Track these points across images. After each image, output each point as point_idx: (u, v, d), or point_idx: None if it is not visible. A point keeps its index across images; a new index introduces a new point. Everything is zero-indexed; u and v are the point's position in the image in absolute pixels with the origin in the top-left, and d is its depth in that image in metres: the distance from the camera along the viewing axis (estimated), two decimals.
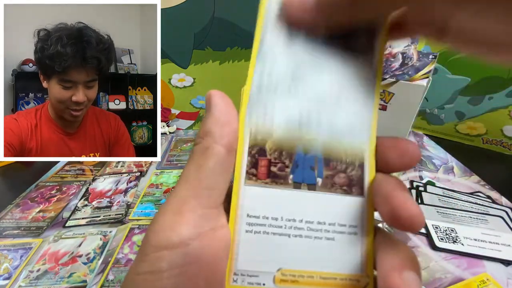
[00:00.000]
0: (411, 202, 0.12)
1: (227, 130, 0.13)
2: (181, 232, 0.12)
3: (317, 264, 0.14)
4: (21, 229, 0.40)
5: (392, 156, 0.14)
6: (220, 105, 0.14)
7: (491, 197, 0.45)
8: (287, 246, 0.14)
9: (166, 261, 0.11)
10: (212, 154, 0.13)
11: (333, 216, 0.14)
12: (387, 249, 0.13)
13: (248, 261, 0.14)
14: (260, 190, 0.14)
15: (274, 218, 0.14)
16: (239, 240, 0.14)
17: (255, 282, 0.14)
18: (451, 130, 0.64)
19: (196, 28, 0.56)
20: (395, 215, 0.12)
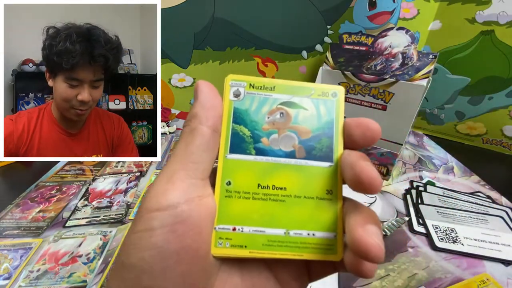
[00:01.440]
0: (370, 168, 0.14)
1: (212, 113, 0.16)
2: (171, 197, 0.14)
3: (294, 223, 0.16)
4: (21, 229, 0.40)
5: (357, 133, 0.16)
6: (206, 92, 0.16)
7: (491, 197, 0.45)
8: (265, 208, 0.16)
9: (157, 220, 0.13)
10: (198, 133, 0.15)
11: (306, 183, 0.16)
12: (353, 210, 0.15)
13: (227, 221, 0.16)
14: (240, 160, 0.16)
15: (252, 185, 0.16)
16: (220, 205, 0.16)
17: (237, 245, 0.15)
18: (451, 130, 0.64)
19: (196, 28, 0.56)
20: (357, 179, 0.14)
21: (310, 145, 0.17)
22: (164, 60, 0.58)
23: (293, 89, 0.17)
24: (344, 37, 0.51)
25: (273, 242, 0.16)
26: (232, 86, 0.17)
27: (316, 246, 0.16)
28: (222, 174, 0.16)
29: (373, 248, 0.13)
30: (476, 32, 0.54)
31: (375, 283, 0.32)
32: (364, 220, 0.14)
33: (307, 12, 0.56)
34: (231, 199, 0.16)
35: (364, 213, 0.15)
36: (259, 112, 0.17)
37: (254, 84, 0.17)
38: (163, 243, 0.13)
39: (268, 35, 0.58)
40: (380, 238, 0.13)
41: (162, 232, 0.13)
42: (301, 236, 0.16)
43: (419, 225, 0.40)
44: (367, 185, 0.14)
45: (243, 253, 0.15)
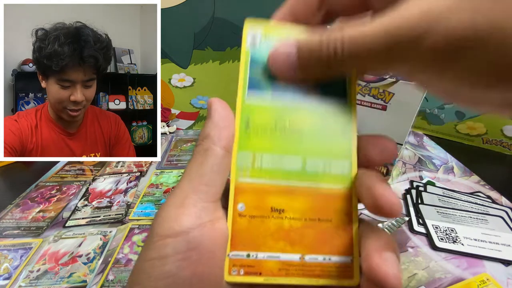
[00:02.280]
0: (390, 192, 0.14)
1: (225, 133, 0.15)
2: (183, 222, 0.13)
3: (309, 248, 0.15)
4: (21, 229, 0.40)
5: (374, 152, 0.16)
6: (219, 111, 0.15)
7: (491, 197, 0.45)
8: (279, 232, 0.15)
9: (170, 247, 0.13)
10: (211, 154, 0.15)
11: (321, 206, 0.16)
12: (370, 235, 0.15)
13: (240, 247, 0.15)
14: (251, 182, 0.16)
15: (265, 209, 0.15)
16: (232, 230, 0.15)
17: (251, 272, 0.15)
18: (451, 130, 0.64)
19: (196, 28, 0.56)
20: (377, 204, 0.14)
21: (324, 165, 0.16)
22: (164, 60, 0.58)
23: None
24: None
25: (288, 267, 0.15)
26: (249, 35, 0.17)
27: (333, 271, 0.15)
28: (234, 197, 0.15)
29: (390, 278, 0.12)
30: None
31: None
32: (381, 246, 0.14)
33: None
34: (243, 223, 0.15)
35: (381, 238, 0.14)
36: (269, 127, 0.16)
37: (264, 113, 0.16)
38: (177, 270, 0.13)
39: None
40: (397, 267, 0.13)
41: (176, 260, 0.13)
42: (317, 261, 0.15)
43: (419, 225, 0.40)
44: (388, 211, 0.13)
45: (258, 280, 0.15)
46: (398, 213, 0.14)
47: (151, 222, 0.40)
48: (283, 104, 0.16)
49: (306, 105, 0.16)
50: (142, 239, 0.38)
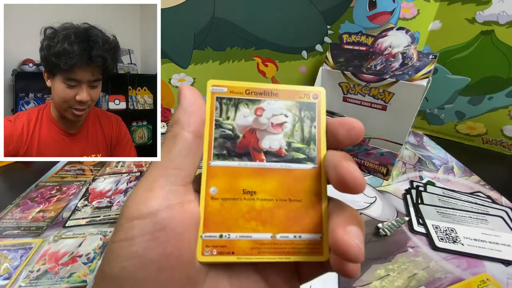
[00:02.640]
0: (353, 168, 0.14)
1: (194, 118, 0.15)
2: (151, 204, 0.13)
3: (280, 227, 0.16)
4: (21, 229, 0.40)
5: (341, 132, 0.16)
6: (188, 97, 0.16)
7: (491, 197, 0.45)
8: (250, 213, 0.16)
9: (137, 229, 0.13)
10: (180, 139, 0.15)
11: (291, 186, 0.16)
12: (336, 211, 0.15)
13: (213, 229, 0.16)
14: (224, 166, 0.16)
15: (237, 190, 0.16)
16: (205, 212, 0.16)
17: (224, 252, 0.15)
18: (451, 130, 0.64)
19: (196, 28, 0.56)
20: (341, 180, 0.14)
21: (293, 148, 0.17)
22: (164, 60, 0.58)
23: (274, 93, 0.17)
24: (344, 37, 0.51)
25: (260, 246, 0.16)
26: (213, 91, 0.17)
27: (303, 248, 0.16)
28: (206, 180, 0.16)
29: (352, 249, 0.13)
30: (476, 32, 0.54)
31: (375, 283, 0.32)
32: (346, 221, 0.14)
33: (307, 12, 0.56)
34: (216, 206, 0.16)
35: (346, 213, 0.15)
36: (241, 116, 0.17)
37: (235, 89, 0.17)
38: (144, 251, 0.13)
39: (268, 35, 0.58)
40: (360, 239, 0.13)
41: (142, 241, 0.13)
42: (288, 239, 0.16)
43: (419, 225, 0.40)
44: (351, 185, 0.14)
45: (231, 259, 0.15)
46: (362, 188, 0.14)
47: None
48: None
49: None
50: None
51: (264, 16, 0.55)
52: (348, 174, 0.14)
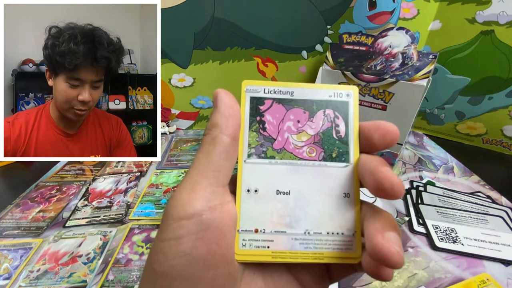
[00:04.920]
0: (392, 174, 0.14)
1: (231, 122, 0.16)
2: (195, 205, 0.14)
3: (313, 224, 0.16)
4: (21, 229, 0.40)
5: (376, 136, 0.16)
6: (225, 101, 0.16)
7: (491, 197, 0.45)
8: (285, 210, 0.16)
9: (184, 229, 0.14)
10: (219, 143, 0.15)
11: (324, 185, 0.17)
12: (372, 215, 0.15)
13: (249, 224, 0.16)
14: (259, 165, 0.17)
15: (271, 188, 0.17)
16: (241, 209, 0.16)
17: (260, 245, 0.16)
18: (451, 130, 0.64)
19: (196, 28, 0.56)
20: (380, 185, 0.14)
21: (326, 147, 0.17)
22: (164, 60, 0.58)
23: (308, 93, 0.18)
24: (344, 37, 0.51)
25: (294, 241, 0.16)
26: (248, 91, 0.18)
27: (336, 246, 0.16)
28: (241, 179, 0.17)
29: (393, 256, 0.13)
30: (476, 32, 0.54)
31: (375, 283, 0.32)
32: (383, 226, 0.14)
33: (307, 12, 0.56)
34: (251, 203, 0.16)
35: (382, 218, 0.15)
36: (275, 116, 0.17)
37: (269, 89, 0.18)
38: (191, 250, 0.14)
39: (268, 35, 0.58)
40: (399, 245, 0.14)
41: (190, 240, 0.14)
42: (321, 235, 0.16)
43: (419, 225, 0.40)
44: (390, 191, 0.14)
45: (266, 254, 0.16)
46: (401, 194, 0.14)
47: (151, 222, 0.41)
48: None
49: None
50: (142, 239, 0.38)
51: (264, 16, 0.55)
52: (387, 180, 0.14)
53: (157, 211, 0.43)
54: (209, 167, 0.15)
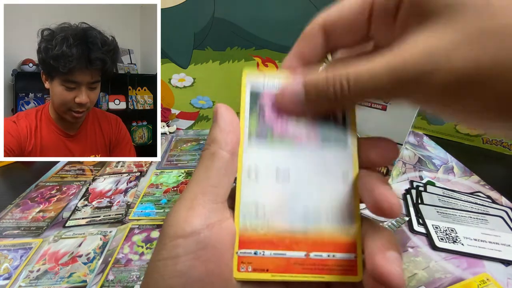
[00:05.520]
0: (390, 193, 0.14)
1: (231, 137, 0.16)
2: (193, 223, 0.14)
3: (313, 246, 0.16)
4: (21, 229, 0.40)
5: (375, 154, 0.16)
6: (225, 117, 0.16)
7: (491, 197, 0.45)
8: (285, 232, 0.16)
9: (181, 248, 0.14)
10: (218, 158, 0.15)
11: (325, 202, 0.16)
12: (372, 233, 0.15)
13: (248, 246, 0.16)
14: (258, 185, 0.16)
15: (271, 211, 0.16)
16: (240, 229, 0.16)
17: (259, 268, 0.16)
18: (451, 130, 0.64)
19: (196, 28, 0.56)
20: (378, 205, 0.14)
21: (326, 165, 0.17)
22: (164, 60, 0.58)
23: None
24: None
25: (294, 265, 0.16)
26: (248, 80, 0.17)
27: (336, 267, 0.16)
28: (240, 198, 0.16)
29: (394, 277, 0.13)
30: None
31: None
32: (384, 245, 0.14)
33: (307, 12, 0.56)
34: (251, 223, 0.16)
35: (383, 237, 0.15)
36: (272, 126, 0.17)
37: (270, 78, 0.17)
38: (188, 269, 0.13)
39: (268, 35, 0.58)
40: (400, 266, 0.13)
41: (187, 259, 0.13)
42: (321, 257, 0.16)
43: (419, 225, 0.40)
44: (387, 211, 0.14)
45: (265, 276, 0.16)
46: (398, 214, 0.14)
47: (151, 222, 0.41)
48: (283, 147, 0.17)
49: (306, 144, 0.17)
50: (142, 239, 0.38)
51: (264, 16, 0.55)
52: (385, 200, 0.14)
53: (157, 211, 0.43)
54: (207, 182, 0.15)
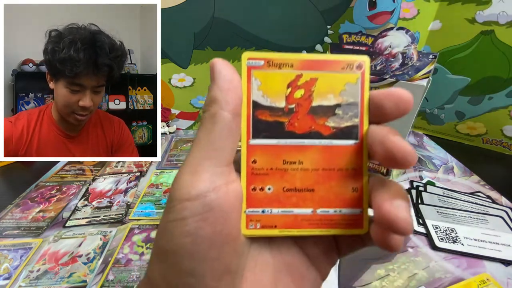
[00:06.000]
0: (403, 143, 0.14)
1: (232, 96, 0.15)
2: (199, 187, 0.14)
3: (320, 202, 0.16)
4: (21, 229, 0.40)
5: (388, 105, 0.15)
6: (224, 73, 0.15)
7: (491, 197, 0.45)
8: (291, 189, 0.16)
9: (188, 210, 0.14)
10: (219, 119, 0.14)
11: (331, 162, 0.16)
12: (380, 186, 0.15)
13: (256, 204, 0.16)
14: (263, 145, 0.16)
15: (278, 167, 0.16)
16: (247, 189, 0.16)
17: (267, 225, 0.16)
18: (451, 130, 0.64)
19: (196, 28, 0.56)
20: (390, 155, 0.14)
21: (334, 124, 0.16)
22: (164, 60, 0.58)
23: (315, 64, 0.16)
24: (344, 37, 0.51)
25: (301, 220, 0.16)
26: (249, 65, 0.16)
27: (343, 222, 0.16)
28: (246, 159, 0.16)
29: (401, 221, 0.13)
30: (476, 32, 0.54)
31: (375, 283, 0.32)
32: (392, 195, 0.14)
33: (307, 12, 0.56)
34: (257, 183, 0.16)
35: (391, 189, 0.15)
36: (279, 91, 0.16)
37: (273, 62, 0.16)
38: (196, 230, 0.14)
39: (268, 35, 0.58)
40: (408, 212, 0.13)
41: (194, 221, 0.14)
42: (328, 213, 0.16)
43: (419, 225, 0.40)
44: (400, 159, 0.14)
45: (273, 232, 0.16)
46: (413, 162, 0.14)
47: (151, 222, 0.41)
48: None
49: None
50: (142, 239, 0.38)
51: (264, 16, 0.55)
52: (396, 148, 0.14)
53: (157, 211, 0.43)
54: (210, 146, 0.14)
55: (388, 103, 0.15)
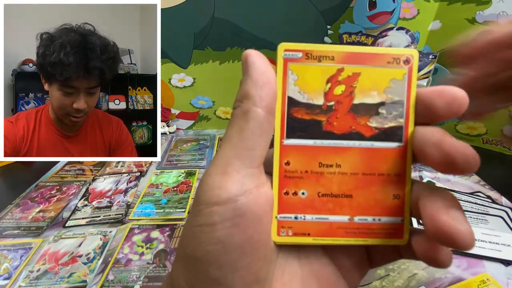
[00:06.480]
0: (464, 144, 0.12)
1: (266, 92, 0.14)
2: (229, 189, 0.13)
3: (358, 209, 0.15)
4: (21, 229, 0.40)
5: (440, 104, 0.14)
6: (257, 65, 0.14)
7: (491, 197, 0.45)
8: (327, 195, 0.15)
9: (217, 215, 0.13)
10: (252, 116, 0.13)
11: (372, 167, 0.15)
12: (430, 194, 0.14)
13: (288, 210, 0.15)
14: (298, 145, 0.15)
15: (313, 171, 0.15)
16: (279, 193, 0.15)
17: (300, 233, 0.15)
18: (451, 130, 0.64)
19: (196, 28, 0.56)
20: (449, 159, 0.12)
21: (377, 124, 0.15)
22: (164, 60, 0.58)
23: (358, 57, 0.15)
24: (344, 37, 0.51)
25: (337, 228, 0.15)
26: (285, 57, 0.15)
27: (381, 231, 0.15)
28: (279, 160, 0.15)
29: (464, 235, 0.12)
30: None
31: (375, 283, 0.32)
32: (446, 205, 0.13)
33: (307, 12, 0.56)
34: (290, 186, 0.15)
35: (444, 197, 0.13)
36: (317, 87, 0.15)
37: (312, 54, 0.15)
38: (226, 237, 0.13)
39: (268, 35, 0.58)
40: (468, 223, 0.12)
41: (224, 227, 0.13)
42: (366, 222, 0.15)
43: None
44: (462, 164, 0.12)
45: (306, 240, 0.15)
46: (475, 167, 0.12)
47: (151, 222, 0.41)
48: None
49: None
50: (142, 239, 0.38)
51: (264, 16, 0.55)
52: (458, 151, 0.12)
53: (157, 211, 0.43)
54: (242, 145, 0.13)
55: (440, 103, 0.14)
